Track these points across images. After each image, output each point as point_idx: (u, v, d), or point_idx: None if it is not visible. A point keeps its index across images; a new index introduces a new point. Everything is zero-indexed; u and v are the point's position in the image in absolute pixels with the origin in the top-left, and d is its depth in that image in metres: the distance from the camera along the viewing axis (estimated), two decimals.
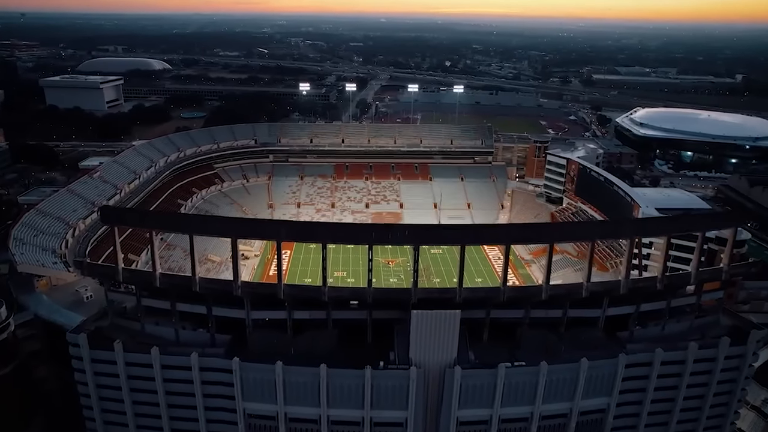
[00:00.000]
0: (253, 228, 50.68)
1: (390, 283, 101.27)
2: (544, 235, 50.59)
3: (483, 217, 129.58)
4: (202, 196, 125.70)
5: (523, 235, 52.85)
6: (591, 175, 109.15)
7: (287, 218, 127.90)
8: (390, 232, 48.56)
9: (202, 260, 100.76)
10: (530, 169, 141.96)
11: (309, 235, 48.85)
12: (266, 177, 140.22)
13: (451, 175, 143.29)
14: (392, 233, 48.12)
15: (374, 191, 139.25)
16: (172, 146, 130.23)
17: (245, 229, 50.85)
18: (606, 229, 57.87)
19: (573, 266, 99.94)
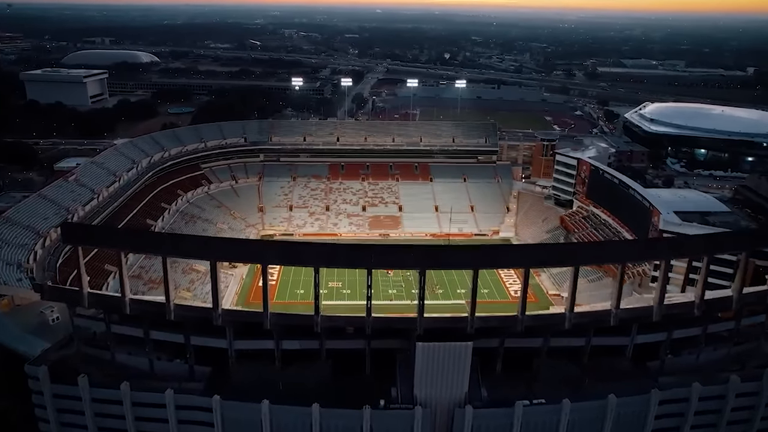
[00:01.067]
0: (235, 250, 45.34)
1: (389, 295, 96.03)
2: (569, 258, 45.35)
3: (487, 220, 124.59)
4: (188, 199, 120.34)
5: (545, 257, 47.69)
6: (604, 177, 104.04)
7: (279, 222, 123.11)
8: (392, 255, 43.21)
9: (186, 270, 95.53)
10: (537, 169, 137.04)
11: (299, 258, 43.52)
12: (256, 178, 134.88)
13: (453, 176, 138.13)
14: (395, 256, 42.79)
15: (371, 193, 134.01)
16: (156, 145, 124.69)
17: (226, 251, 45.51)
18: (639, 250, 52.51)
19: (586, 276, 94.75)
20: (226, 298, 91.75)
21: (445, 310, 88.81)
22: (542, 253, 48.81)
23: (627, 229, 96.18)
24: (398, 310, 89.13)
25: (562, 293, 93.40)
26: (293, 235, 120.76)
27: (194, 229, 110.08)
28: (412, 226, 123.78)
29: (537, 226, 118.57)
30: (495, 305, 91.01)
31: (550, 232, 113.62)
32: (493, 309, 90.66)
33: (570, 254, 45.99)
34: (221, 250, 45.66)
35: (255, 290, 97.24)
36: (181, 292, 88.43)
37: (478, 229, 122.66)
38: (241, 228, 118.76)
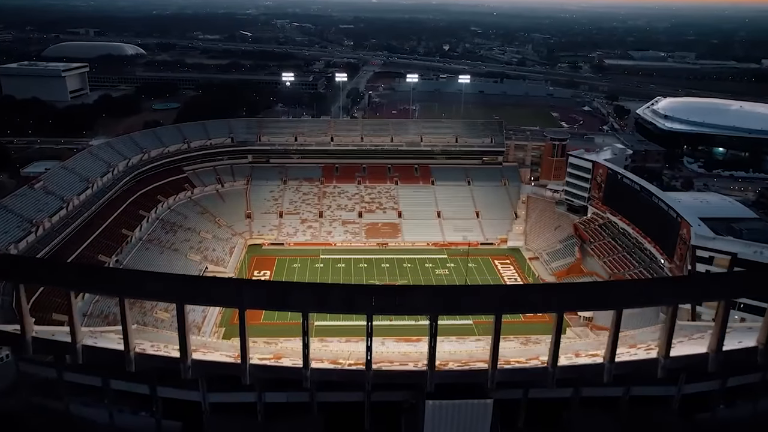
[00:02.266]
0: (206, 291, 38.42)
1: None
2: (610, 299, 38.58)
3: (494, 228, 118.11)
4: (169, 205, 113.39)
5: (581, 299, 40.80)
6: (623, 183, 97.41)
7: (268, 230, 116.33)
8: (398, 297, 36.48)
9: None
10: (546, 171, 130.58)
11: (283, 301, 36.67)
12: (244, 181, 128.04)
13: (456, 178, 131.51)
14: (401, 299, 36.05)
15: (368, 197, 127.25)
16: (135, 147, 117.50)
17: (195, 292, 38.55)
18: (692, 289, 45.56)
19: None
20: (207, 319, 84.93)
21: (450, 331, 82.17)
22: (577, 295, 41.89)
23: (650, 241, 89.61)
24: (400, 332, 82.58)
25: (580, 312, 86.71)
26: (283, 245, 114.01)
27: (175, 239, 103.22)
28: (412, 234, 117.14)
29: (549, 235, 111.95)
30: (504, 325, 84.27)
31: (563, 241, 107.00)
32: (504, 330, 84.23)
33: (612, 296, 39.17)
34: (190, 290, 38.73)
35: None
36: (158, 312, 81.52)
37: (484, 238, 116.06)
38: (226, 237, 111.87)
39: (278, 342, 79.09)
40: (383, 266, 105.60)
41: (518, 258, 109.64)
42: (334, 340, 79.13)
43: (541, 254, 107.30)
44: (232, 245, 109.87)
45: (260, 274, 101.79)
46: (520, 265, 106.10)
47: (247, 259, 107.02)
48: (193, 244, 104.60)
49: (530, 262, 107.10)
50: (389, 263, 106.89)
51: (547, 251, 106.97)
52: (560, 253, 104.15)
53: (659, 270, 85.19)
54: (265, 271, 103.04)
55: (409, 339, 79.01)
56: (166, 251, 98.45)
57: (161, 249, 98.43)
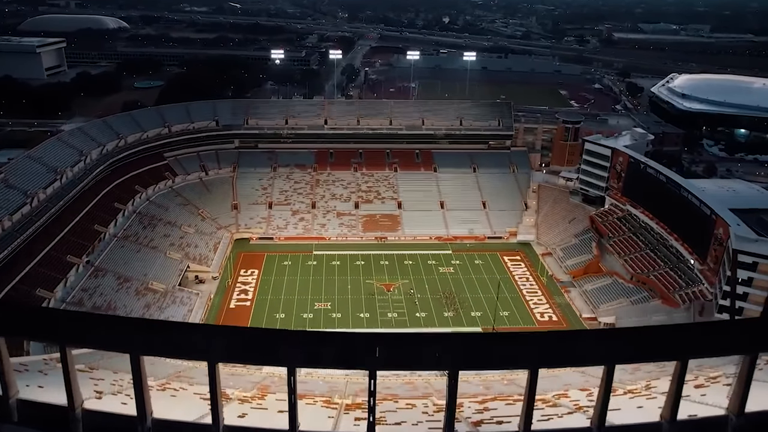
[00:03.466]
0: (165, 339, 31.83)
1: (388, 319, 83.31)
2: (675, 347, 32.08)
3: (502, 219, 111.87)
4: (148, 197, 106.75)
5: (638, 349, 34.12)
6: (646, 173, 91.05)
7: (256, 223, 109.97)
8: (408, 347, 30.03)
9: (140, 290, 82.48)
10: (558, 156, 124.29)
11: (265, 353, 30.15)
12: (230, 168, 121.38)
13: (460, 165, 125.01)
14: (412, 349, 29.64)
15: (365, 186, 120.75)
16: (110, 132, 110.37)
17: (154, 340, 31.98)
18: None
19: (628, 296, 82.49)
20: None
21: None
22: (630, 343, 35.26)
23: (677, 238, 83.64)
24: None
25: (601, 317, 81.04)
26: (273, 239, 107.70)
27: (154, 235, 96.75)
28: (413, 227, 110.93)
29: (562, 228, 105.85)
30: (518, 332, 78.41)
31: (579, 236, 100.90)
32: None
33: (677, 343, 32.70)
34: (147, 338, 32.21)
35: (227, 313, 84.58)
36: None
37: (491, 231, 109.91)
38: (210, 231, 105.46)
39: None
40: (382, 264, 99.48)
41: (529, 254, 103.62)
42: None
43: (555, 250, 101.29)
44: (216, 240, 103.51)
45: (247, 273, 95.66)
46: (531, 262, 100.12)
47: (233, 257, 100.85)
48: (173, 239, 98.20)
49: (543, 258, 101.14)
50: (388, 260, 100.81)
51: (561, 246, 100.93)
52: (576, 248, 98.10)
53: (688, 271, 79.27)
54: (252, 270, 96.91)
55: None
56: (143, 249, 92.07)
57: (138, 246, 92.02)
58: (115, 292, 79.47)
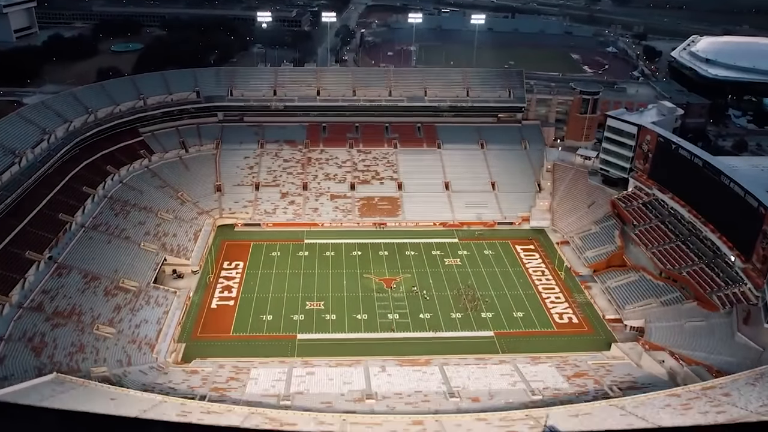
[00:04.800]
0: None
1: (388, 322, 76.89)
2: None
3: (514, 203, 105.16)
4: (121, 178, 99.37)
5: None
6: (679, 155, 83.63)
7: (241, 207, 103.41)
8: None
9: (109, 290, 75.68)
10: (574, 130, 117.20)
11: None
12: (213, 145, 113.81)
13: (466, 140, 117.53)
14: None
15: (362, 164, 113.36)
16: (78, 106, 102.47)
17: None
18: None
19: (658, 295, 76.05)
20: (164, 333, 72.34)
21: (466, 347, 70.31)
22: None
23: (714, 230, 76.81)
24: (405, 348, 70.86)
25: (627, 320, 74.67)
26: (260, 226, 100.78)
27: (127, 224, 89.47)
28: (415, 211, 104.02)
29: (581, 214, 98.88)
30: (534, 338, 72.70)
31: (599, 223, 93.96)
32: (533, 345, 72.48)
33: None
34: None
35: (207, 315, 78.04)
36: (101, 327, 68.78)
37: (502, 216, 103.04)
38: (191, 217, 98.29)
39: (252, 365, 67.42)
40: (381, 254, 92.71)
41: (544, 242, 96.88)
42: (322, 362, 67.32)
43: (573, 238, 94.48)
44: (197, 228, 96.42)
45: (231, 266, 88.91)
46: (547, 252, 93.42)
47: (216, 247, 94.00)
48: (149, 228, 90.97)
49: (559, 248, 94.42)
50: (388, 250, 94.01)
51: (580, 234, 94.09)
52: (596, 238, 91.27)
53: (728, 269, 72.64)
54: (237, 262, 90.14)
55: (416, 361, 67.22)
56: (114, 240, 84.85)
57: (109, 237, 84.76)
58: (80, 293, 72.59)
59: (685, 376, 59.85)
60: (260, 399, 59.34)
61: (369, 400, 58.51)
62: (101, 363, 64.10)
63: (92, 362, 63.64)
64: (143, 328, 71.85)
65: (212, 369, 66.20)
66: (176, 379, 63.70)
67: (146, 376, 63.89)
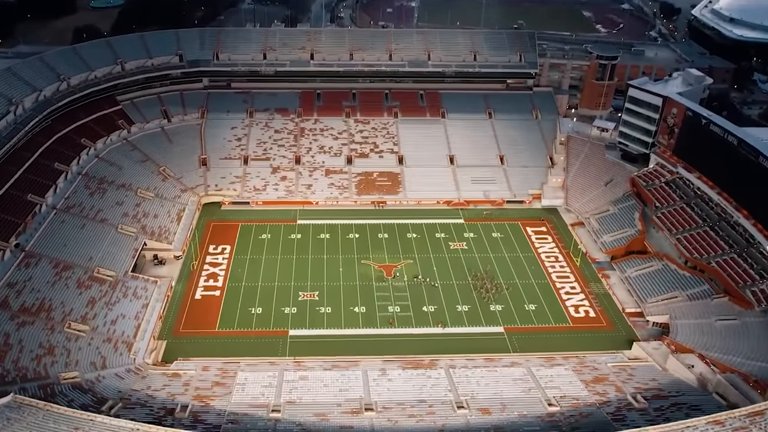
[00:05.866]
0: None
1: (389, 315, 72.38)
2: None
3: (524, 179, 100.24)
4: (97, 152, 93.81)
5: None
6: (710, 131, 77.86)
7: (228, 183, 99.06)
8: None
9: (82, 282, 70.78)
10: (589, 98, 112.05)
11: None
12: (197, 114, 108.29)
13: (473, 109, 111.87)
14: None
15: (360, 136, 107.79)
16: (49, 72, 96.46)
17: None
18: None
19: (684, 287, 71.49)
20: (142, 329, 67.70)
21: (475, 346, 65.99)
22: None
23: (747, 216, 71.80)
24: (407, 346, 66.75)
25: (649, 315, 70.14)
26: (249, 204, 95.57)
27: (103, 204, 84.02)
28: (417, 189, 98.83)
29: (597, 192, 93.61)
30: (547, 335, 68.50)
31: (618, 203, 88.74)
32: (547, 343, 67.80)
33: None
34: None
35: (191, 308, 73.46)
36: (73, 325, 64.11)
37: (511, 194, 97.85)
38: (174, 195, 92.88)
39: (239, 366, 63.10)
40: (380, 237, 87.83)
41: (557, 223, 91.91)
42: (316, 364, 62.95)
43: (588, 220, 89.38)
44: (180, 207, 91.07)
45: (217, 251, 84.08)
46: (560, 235, 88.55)
47: (201, 228, 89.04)
48: (128, 208, 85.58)
49: (573, 230, 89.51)
50: (388, 232, 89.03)
51: (596, 216, 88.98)
52: (614, 220, 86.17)
53: (763, 260, 67.82)
54: (224, 246, 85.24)
55: (419, 363, 62.91)
56: (89, 224, 79.49)
57: (83, 221, 79.36)
58: (50, 286, 67.59)
59: (718, 385, 55.63)
60: (247, 410, 55.23)
61: (368, 412, 54.35)
62: (72, 367, 59.58)
63: (62, 366, 59.09)
64: (120, 325, 67.19)
65: (195, 372, 61.89)
66: (156, 384, 59.47)
67: (122, 381, 59.61)
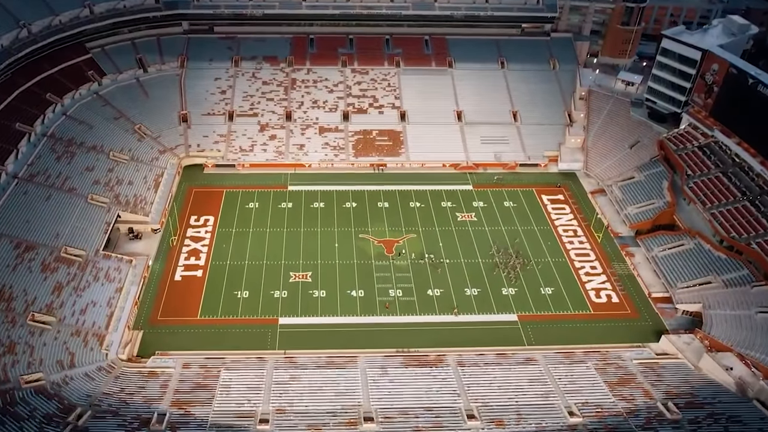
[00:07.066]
0: None
1: (390, 299, 68.09)
2: None
3: (539, 139, 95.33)
4: (64, 109, 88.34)
5: None
6: (756, 92, 71.67)
7: (212, 143, 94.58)
8: None
9: (48, 263, 66.03)
10: (613, 44, 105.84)
11: None
12: (176, 63, 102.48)
13: (484, 58, 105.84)
14: None
15: (357, 89, 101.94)
16: (6, 17, 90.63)
17: None
18: None
19: (719, 271, 67.01)
20: (116, 317, 63.58)
21: (487, 337, 62.07)
22: None
23: None
24: (408, 340, 62.78)
25: (679, 302, 65.80)
26: (234, 167, 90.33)
27: (71, 170, 78.78)
28: (421, 149, 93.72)
29: (621, 156, 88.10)
30: (566, 324, 64.62)
31: (644, 169, 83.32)
32: (566, 334, 64.08)
33: None
34: None
35: (170, 292, 69.25)
36: (37, 316, 59.84)
37: (525, 155, 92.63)
38: (150, 157, 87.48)
39: (224, 363, 59.23)
40: (380, 206, 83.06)
41: (575, 191, 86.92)
42: (309, 360, 59.20)
43: (611, 187, 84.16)
44: (158, 171, 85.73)
45: (199, 222, 79.46)
46: (578, 205, 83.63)
47: (181, 196, 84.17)
48: (99, 174, 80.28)
49: (593, 198, 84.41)
50: (389, 201, 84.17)
51: (619, 183, 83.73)
52: (640, 188, 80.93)
53: None
54: (206, 216, 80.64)
55: (424, 359, 59.23)
56: (56, 194, 74.30)
57: (48, 191, 74.10)
58: (11, 271, 63.04)
59: (760, 391, 52.16)
60: (232, 420, 51.79)
61: (368, 424, 50.82)
62: (36, 367, 55.78)
63: (24, 367, 55.30)
64: (90, 314, 63.13)
65: (175, 370, 58.33)
66: (130, 386, 56.10)
67: (93, 383, 56.09)
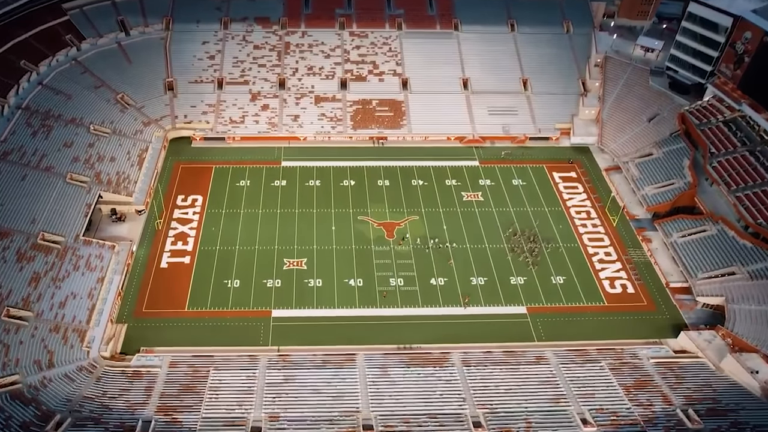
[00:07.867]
0: None
1: (390, 290, 65.81)
2: None
3: (551, 110, 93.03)
4: (40, 77, 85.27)
5: None
6: None
7: (200, 113, 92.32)
8: None
9: (24, 252, 63.57)
10: (630, 5, 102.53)
11: None
12: (161, 26, 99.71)
13: (491, 20, 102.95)
14: None
15: (356, 53, 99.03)
16: None
17: None
18: None
19: (744, 262, 65.15)
20: (97, 309, 61.59)
21: (493, 332, 59.99)
22: None
23: None
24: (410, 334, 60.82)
25: (700, 294, 63.44)
26: (224, 140, 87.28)
27: (48, 147, 75.90)
28: (424, 121, 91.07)
29: (638, 130, 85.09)
30: (578, 318, 62.59)
31: (663, 145, 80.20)
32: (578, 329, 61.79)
33: None
34: None
35: (156, 281, 67.08)
36: (12, 311, 57.61)
37: (535, 128, 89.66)
38: (134, 130, 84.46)
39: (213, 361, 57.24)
40: (380, 185, 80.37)
41: (589, 167, 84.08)
42: (305, 358, 57.06)
43: (627, 165, 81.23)
44: (143, 146, 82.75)
45: (187, 203, 76.79)
46: (592, 184, 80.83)
47: (168, 172, 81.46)
48: (78, 151, 77.36)
49: (608, 176, 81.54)
50: (389, 178, 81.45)
51: (636, 160, 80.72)
52: (658, 166, 77.96)
53: None
54: (194, 196, 78.12)
55: (428, 358, 57.39)
56: (31, 173, 71.48)
57: (24, 170, 71.26)
58: None
59: None
60: (221, 429, 49.99)
61: None
62: (12, 368, 53.91)
63: None
64: (70, 307, 61.07)
65: (161, 370, 56.51)
66: (113, 388, 54.46)
67: (72, 385, 54.37)
